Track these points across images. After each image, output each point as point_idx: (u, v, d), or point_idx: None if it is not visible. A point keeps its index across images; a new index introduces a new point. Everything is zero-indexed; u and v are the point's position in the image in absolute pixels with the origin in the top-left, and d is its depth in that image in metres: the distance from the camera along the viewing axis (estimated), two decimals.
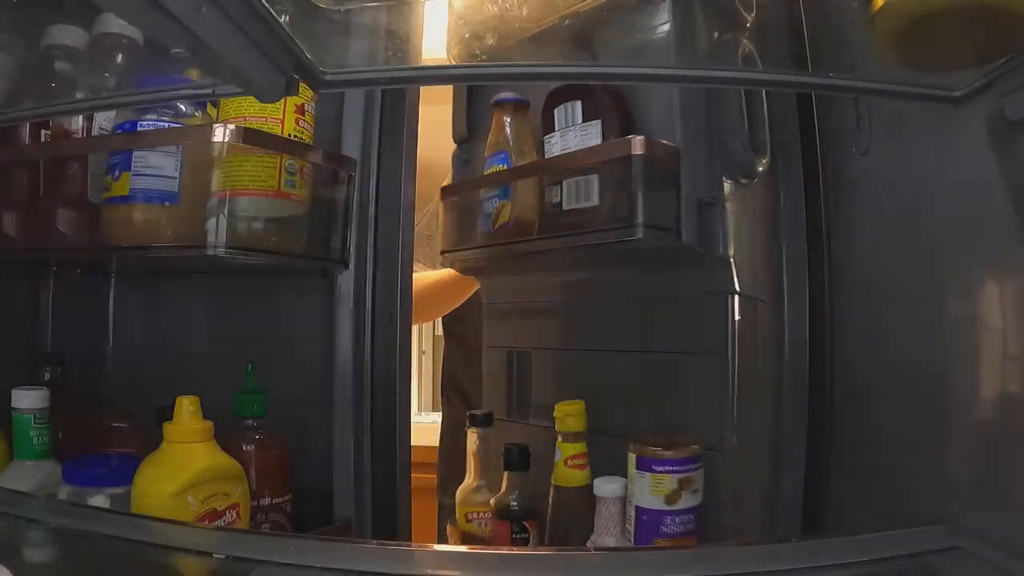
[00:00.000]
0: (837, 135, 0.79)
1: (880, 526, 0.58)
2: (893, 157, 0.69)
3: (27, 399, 0.71)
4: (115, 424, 0.85)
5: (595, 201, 0.74)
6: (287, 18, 0.57)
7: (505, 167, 0.86)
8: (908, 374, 0.66)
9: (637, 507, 0.66)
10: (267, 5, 0.44)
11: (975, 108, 0.53)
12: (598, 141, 0.76)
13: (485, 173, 0.88)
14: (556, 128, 0.80)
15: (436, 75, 0.61)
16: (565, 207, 0.76)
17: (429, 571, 0.49)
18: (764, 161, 0.75)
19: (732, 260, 0.73)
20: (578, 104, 0.78)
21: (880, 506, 0.68)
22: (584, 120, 0.78)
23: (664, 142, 0.72)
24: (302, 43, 0.50)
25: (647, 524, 0.66)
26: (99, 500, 0.67)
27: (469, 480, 0.90)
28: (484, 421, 0.90)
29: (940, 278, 0.61)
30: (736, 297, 0.73)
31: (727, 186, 0.74)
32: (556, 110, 0.80)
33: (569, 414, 0.77)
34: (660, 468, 0.67)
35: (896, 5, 0.42)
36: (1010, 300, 0.52)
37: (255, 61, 0.46)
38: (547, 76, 0.74)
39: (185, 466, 0.66)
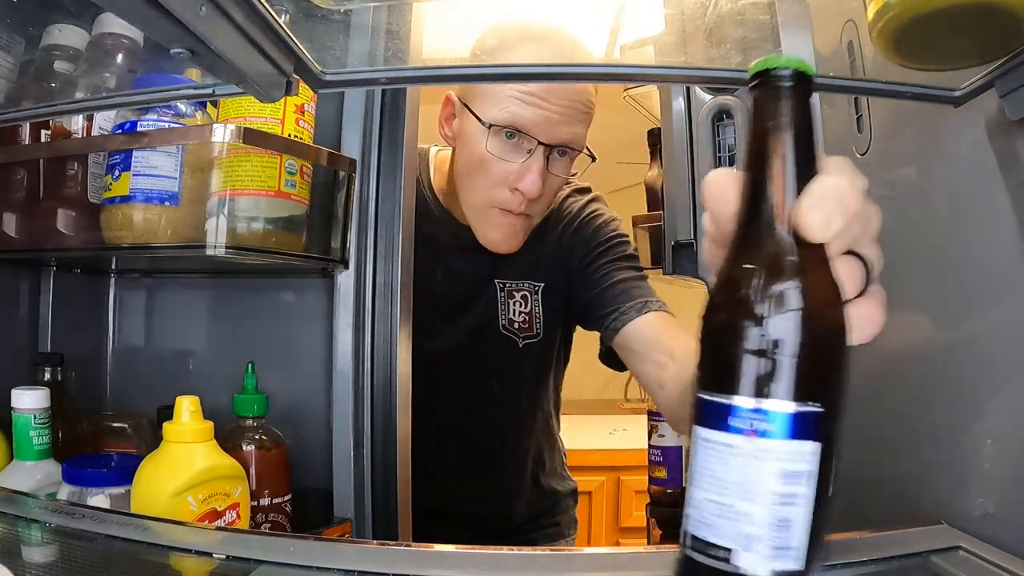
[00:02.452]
0: (836, 138, 0.79)
1: (880, 526, 0.58)
2: (891, 157, 0.69)
3: (27, 399, 0.71)
4: (115, 424, 0.85)
5: None
6: (287, 18, 0.57)
7: None
8: (906, 374, 0.66)
9: None
10: (267, 5, 0.44)
11: (975, 108, 0.53)
12: None
13: None
14: None
15: (436, 75, 0.61)
16: None
17: (429, 571, 0.49)
18: None
19: (705, 280, 0.90)
20: None
21: (880, 506, 0.68)
22: None
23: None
24: (302, 43, 0.50)
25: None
26: (99, 500, 0.67)
27: None
28: None
29: (939, 277, 0.61)
30: None
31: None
32: None
33: None
34: (650, 418, 1.01)
35: (895, 5, 0.42)
36: (1009, 300, 0.52)
37: (255, 61, 0.46)
38: (549, 76, 0.74)
39: (185, 466, 0.66)
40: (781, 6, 0.79)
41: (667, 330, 0.87)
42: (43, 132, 0.80)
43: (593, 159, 0.93)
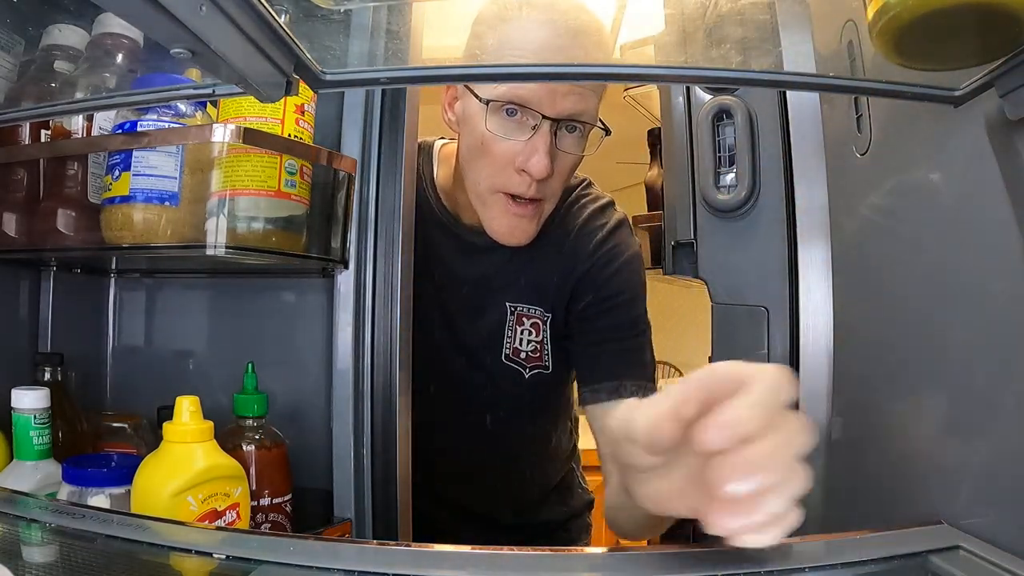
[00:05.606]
0: (836, 137, 0.79)
1: (880, 526, 0.58)
2: (891, 157, 0.69)
3: (27, 399, 0.71)
4: (115, 424, 0.85)
5: None
6: (287, 18, 0.57)
7: None
8: (907, 373, 0.66)
9: None
10: (267, 5, 0.44)
11: (975, 108, 0.53)
12: None
13: None
14: None
15: (436, 75, 0.61)
16: None
17: (429, 571, 0.49)
18: (742, 195, 0.87)
19: (705, 280, 0.91)
20: None
21: (880, 506, 0.68)
22: None
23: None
24: (302, 43, 0.50)
25: None
26: (99, 500, 0.67)
27: None
28: None
29: (938, 278, 0.61)
30: (712, 306, 0.90)
31: (705, 223, 0.91)
32: None
33: None
34: None
35: (895, 5, 0.42)
36: (1009, 299, 0.52)
37: (255, 61, 0.46)
38: (550, 76, 0.74)
39: (185, 466, 0.66)
40: (781, 6, 0.80)
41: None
42: (43, 132, 0.80)
43: (608, 132, 0.86)
